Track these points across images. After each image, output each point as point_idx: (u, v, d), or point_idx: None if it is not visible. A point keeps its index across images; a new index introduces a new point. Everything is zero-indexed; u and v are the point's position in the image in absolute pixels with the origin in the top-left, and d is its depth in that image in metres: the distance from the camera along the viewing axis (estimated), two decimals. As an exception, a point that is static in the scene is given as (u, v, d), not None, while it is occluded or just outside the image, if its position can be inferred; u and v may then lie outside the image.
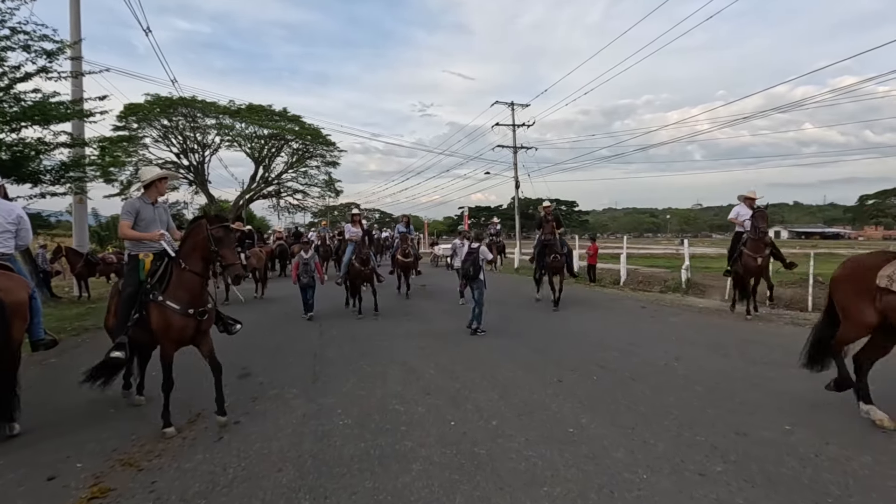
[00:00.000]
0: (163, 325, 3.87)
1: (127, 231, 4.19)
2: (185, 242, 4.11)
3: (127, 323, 3.94)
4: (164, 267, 4.08)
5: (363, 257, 9.14)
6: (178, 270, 3.98)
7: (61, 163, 8.62)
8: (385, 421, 4.01)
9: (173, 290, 3.93)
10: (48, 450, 3.59)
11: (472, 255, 7.48)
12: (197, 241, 3.99)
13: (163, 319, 3.87)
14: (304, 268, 8.90)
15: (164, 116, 31.17)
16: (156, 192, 4.42)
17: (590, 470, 3.09)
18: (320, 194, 38.16)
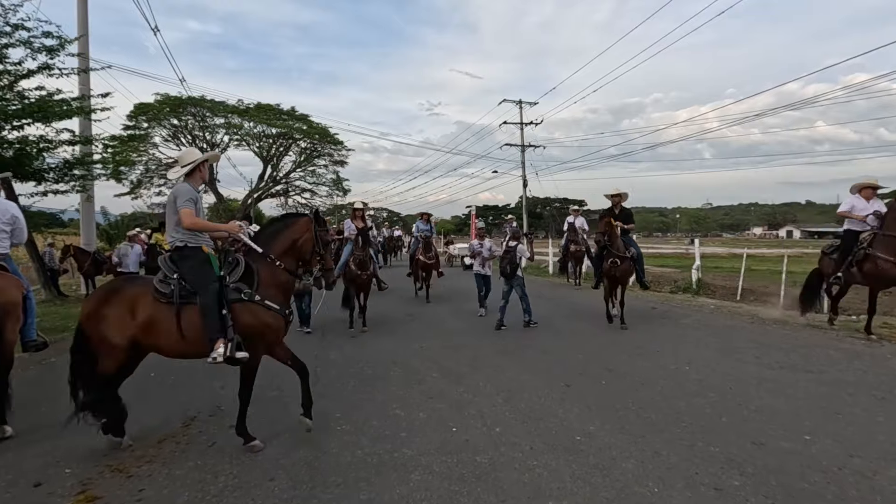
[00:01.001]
0: (261, 327, 3.53)
1: (196, 220, 3.58)
2: (277, 238, 3.77)
3: (227, 323, 3.39)
4: (237, 262, 3.61)
5: (360, 259, 7.56)
6: (270, 268, 3.65)
7: (64, 161, 8.60)
8: (384, 427, 3.87)
9: (267, 289, 3.58)
10: (38, 454, 3.50)
11: (510, 253, 7.71)
12: (298, 238, 3.77)
13: (261, 321, 3.51)
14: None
15: (173, 116, 31.38)
16: (199, 178, 3.84)
17: (598, 483, 2.93)
18: (328, 193, 38.17)
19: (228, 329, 3.37)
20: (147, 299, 3.47)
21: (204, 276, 3.48)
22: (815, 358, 5.56)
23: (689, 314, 8.78)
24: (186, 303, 3.44)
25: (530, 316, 7.69)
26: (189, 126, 32.46)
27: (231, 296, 3.48)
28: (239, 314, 3.46)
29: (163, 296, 3.47)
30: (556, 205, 60.95)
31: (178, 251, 3.61)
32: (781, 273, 11.27)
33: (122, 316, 3.43)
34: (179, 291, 3.45)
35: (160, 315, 3.44)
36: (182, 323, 3.42)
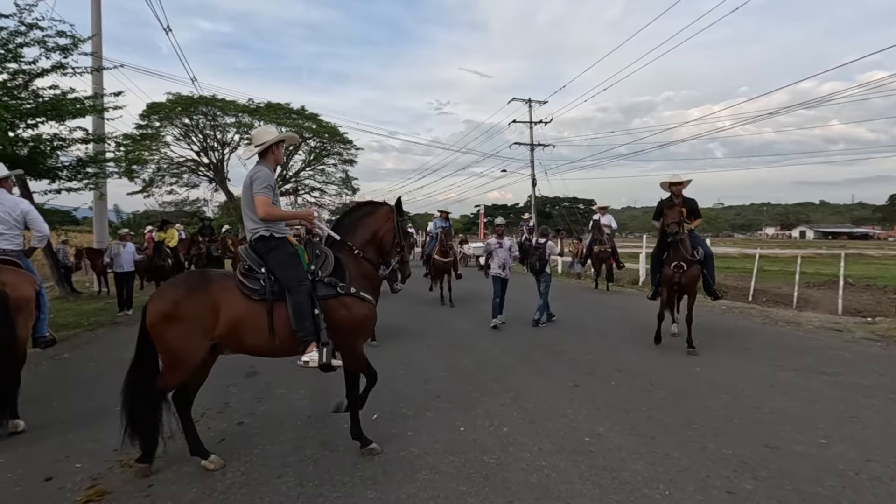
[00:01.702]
0: (360, 321, 3.32)
1: (272, 210, 3.27)
2: (358, 227, 3.52)
3: (319, 325, 3.13)
4: (325, 255, 3.34)
5: None
6: (355, 259, 3.43)
7: (78, 159, 8.71)
8: (391, 425, 3.86)
9: (358, 281, 3.36)
10: (49, 449, 3.52)
11: (539, 250, 7.93)
12: (379, 229, 3.53)
13: (360, 314, 3.30)
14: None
15: (185, 115, 31.64)
16: (273, 161, 3.48)
17: (606, 484, 2.89)
18: (337, 192, 38.31)
19: (322, 332, 3.11)
20: (234, 295, 3.10)
21: (295, 272, 3.17)
22: (829, 360, 5.47)
23: (700, 315, 8.65)
24: (278, 300, 3.13)
25: (548, 312, 7.91)
26: (200, 125, 32.74)
27: (324, 291, 3.20)
28: (335, 310, 3.21)
29: (252, 291, 3.13)
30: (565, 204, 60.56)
31: (262, 241, 3.27)
32: (794, 274, 11.13)
33: (203, 316, 3.00)
34: (271, 287, 3.13)
35: (251, 313, 3.10)
36: (274, 321, 3.10)
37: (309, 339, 3.09)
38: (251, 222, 3.31)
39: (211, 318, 3.01)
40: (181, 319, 2.96)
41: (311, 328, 3.10)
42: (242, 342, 3.15)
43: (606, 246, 11.98)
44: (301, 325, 3.08)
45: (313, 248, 3.35)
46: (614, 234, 12.61)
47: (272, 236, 3.28)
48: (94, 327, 8.33)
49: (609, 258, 12.08)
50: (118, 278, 9.40)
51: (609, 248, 11.97)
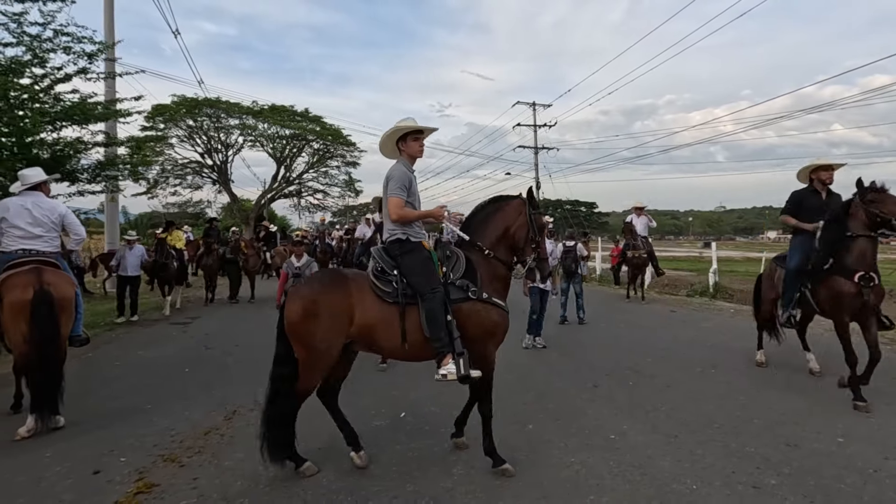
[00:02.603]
0: (492, 328, 3.13)
1: (404, 212, 3.15)
2: (487, 225, 3.29)
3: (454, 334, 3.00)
4: (457, 257, 3.19)
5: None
6: (486, 260, 3.21)
7: (98, 162, 8.86)
8: (420, 423, 3.98)
9: (491, 285, 3.15)
10: (90, 444, 3.63)
11: (571, 252, 8.42)
12: (511, 225, 3.25)
13: (492, 320, 3.12)
14: (291, 283, 5.95)
15: (189, 117, 31.76)
16: (408, 156, 3.33)
17: (637, 480, 3.00)
18: (340, 194, 38.45)
19: (456, 341, 2.95)
20: (368, 296, 3.08)
21: (428, 278, 3.04)
22: (838, 362, 5.56)
23: (710, 318, 8.80)
24: (410, 303, 3.05)
25: (584, 313, 8.45)
26: (204, 127, 32.88)
27: (456, 295, 3.05)
28: (466, 315, 3.05)
29: (385, 294, 3.08)
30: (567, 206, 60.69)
31: (396, 244, 3.18)
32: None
33: (340, 313, 3.01)
34: (403, 290, 3.05)
35: (383, 315, 3.05)
36: (406, 325, 3.03)
37: (444, 351, 2.94)
38: (388, 223, 3.25)
39: (347, 316, 3.01)
40: (319, 316, 2.97)
41: (447, 339, 2.95)
42: (374, 343, 3.12)
43: (642, 251, 10.84)
44: (436, 335, 2.95)
45: (444, 250, 3.23)
46: (651, 235, 11.50)
47: (408, 239, 3.17)
48: (112, 328, 8.45)
49: (645, 264, 11.04)
50: (122, 282, 8.98)
51: (645, 252, 10.85)
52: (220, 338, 7.32)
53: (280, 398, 3.10)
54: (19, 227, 3.92)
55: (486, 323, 3.10)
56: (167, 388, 4.98)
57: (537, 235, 3.26)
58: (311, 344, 3.00)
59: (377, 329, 3.05)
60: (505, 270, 3.28)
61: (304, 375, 3.08)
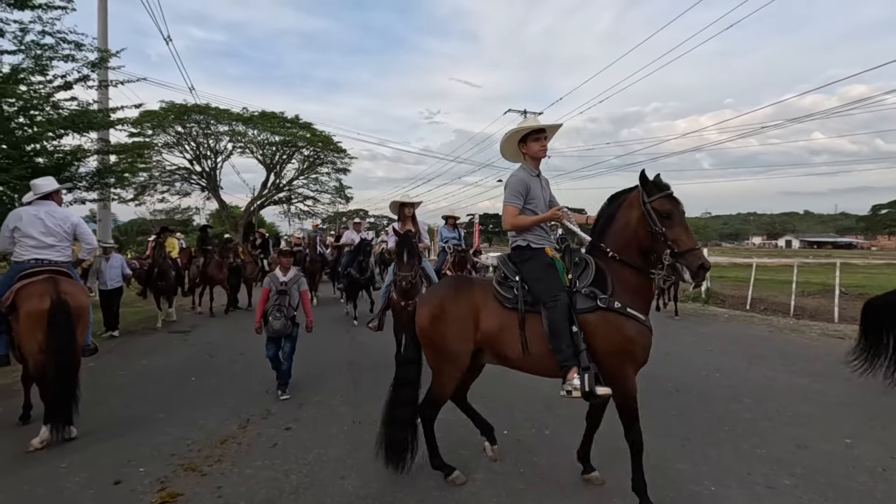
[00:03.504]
0: (626, 343, 2.72)
1: (515, 220, 3.04)
2: (610, 225, 2.92)
3: (579, 346, 2.71)
4: (585, 263, 2.90)
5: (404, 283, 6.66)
6: (613, 265, 2.85)
7: (97, 169, 8.77)
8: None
9: (624, 293, 2.78)
10: (106, 454, 3.61)
11: None
12: (630, 220, 2.82)
13: (626, 335, 2.71)
14: (276, 301, 4.93)
15: (178, 123, 31.51)
16: (530, 158, 3.15)
17: (657, 483, 3.07)
18: (331, 200, 38.41)
19: (582, 354, 2.70)
20: (491, 303, 3.00)
21: (549, 285, 2.85)
22: (837, 366, 5.73)
23: (707, 323, 8.97)
24: (531, 311, 2.88)
25: None
26: (193, 133, 32.66)
27: (583, 304, 2.77)
28: (594, 326, 2.74)
29: (505, 300, 2.97)
30: (556, 213, 61.08)
31: (517, 251, 3.09)
32: (785, 283, 11.51)
33: (466, 318, 2.99)
34: (523, 297, 2.91)
35: (505, 322, 2.94)
36: (527, 334, 2.87)
37: (568, 365, 2.71)
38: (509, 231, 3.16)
39: (473, 321, 2.99)
40: (446, 320, 3.00)
41: (570, 351, 2.71)
42: (499, 352, 3.01)
43: None
44: (558, 347, 2.74)
45: (572, 255, 2.96)
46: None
47: (528, 246, 3.05)
48: (110, 337, 8.34)
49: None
50: (102, 296, 8.23)
51: None
52: (224, 346, 7.28)
53: (401, 402, 3.17)
54: (32, 236, 3.90)
55: (617, 337, 2.72)
56: (176, 396, 4.95)
57: (658, 226, 2.67)
58: (440, 349, 3.04)
59: (499, 337, 2.95)
60: (639, 276, 2.82)
61: (437, 382, 3.12)
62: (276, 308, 4.87)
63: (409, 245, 4.98)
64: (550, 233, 3.24)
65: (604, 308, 2.73)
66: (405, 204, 5.76)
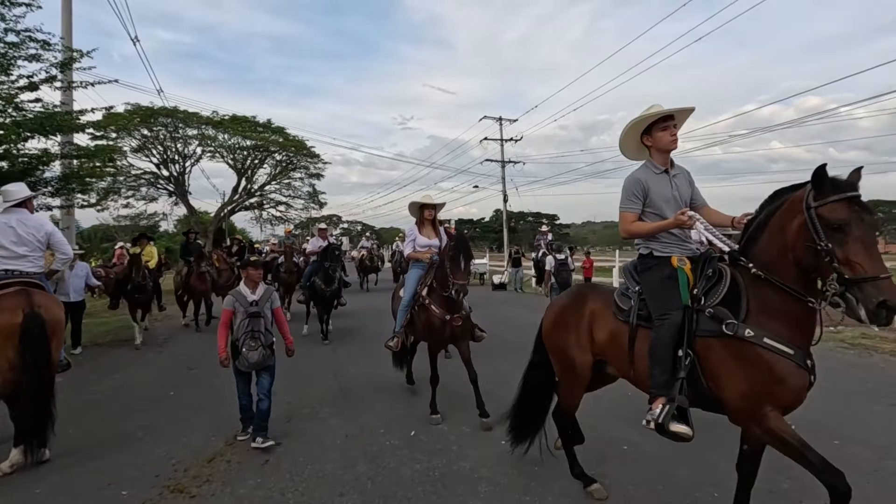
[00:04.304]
0: (760, 382, 2.20)
1: (632, 227, 2.72)
2: (761, 233, 2.33)
3: (676, 374, 2.37)
4: (720, 276, 2.42)
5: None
6: (756, 282, 2.30)
7: (63, 174, 8.34)
8: (433, 441, 3.94)
9: (766, 319, 2.24)
10: (84, 476, 3.41)
11: (565, 264, 8.55)
12: (787, 227, 2.18)
13: (759, 372, 2.19)
14: (249, 327, 3.82)
15: (144, 126, 30.50)
16: (657, 152, 2.75)
17: (660, 490, 3.09)
18: (304, 206, 37.82)
19: (676, 384, 2.34)
20: (607, 313, 2.84)
21: (662, 301, 2.50)
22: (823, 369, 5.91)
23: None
24: (644, 326, 2.61)
25: None
26: (160, 137, 31.69)
27: (705, 326, 2.32)
28: (716, 355, 2.29)
29: (620, 311, 2.76)
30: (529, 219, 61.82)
31: (640, 259, 2.82)
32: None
33: (581, 326, 2.93)
34: (638, 309, 2.65)
35: (613, 331, 2.78)
36: (635, 348, 2.63)
37: (657, 393, 2.41)
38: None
39: (587, 330, 2.90)
40: (565, 329, 3.01)
41: (663, 379, 2.39)
42: (614, 364, 2.87)
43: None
44: (652, 371, 2.45)
45: (706, 265, 2.48)
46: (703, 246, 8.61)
47: (650, 254, 2.73)
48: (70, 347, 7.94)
49: None
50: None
51: None
52: (202, 358, 7.00)
53: (530, 396, 3.39)
54: (4, 246, 3.67)
55: (747, 371, 2.21)
56: (156, 412, 4.73)
57: (823, 240, 2.00)
58: (561, 357, 3.05)
59: (610, 349, 2.81)
60: (792, 301, 2.21)
61: (563, 391, 3.16)
62: (250, 336, 3.80)
63: (465, 248, 4.36)
64: (688, 238, 2.76)
65: (730, 335, 2.23)
66: (426, 205, 5.01)
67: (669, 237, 2.70)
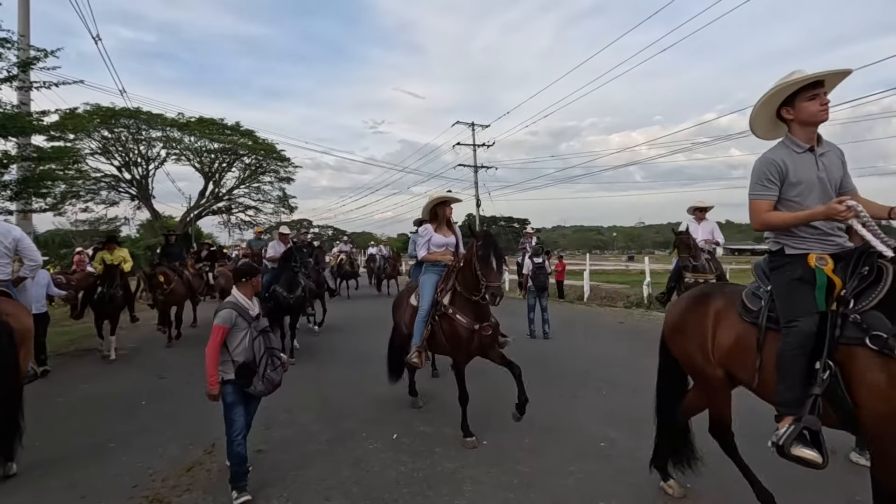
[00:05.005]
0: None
1: (766, 217, 2.33)
2: None
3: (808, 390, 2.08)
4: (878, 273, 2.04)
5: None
6: None
7: (23, 177, 7.96)
8: (416, 443, 3.96)
9: None
10: (56, 490, 3.30)
11: (542, 268, 8.58)
12: None
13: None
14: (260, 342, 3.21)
15: (104, 127, 29.42)
16: (799, 126, 2.34)
17: (637, 483, 3.19)
18: (274, 210, 37.21)
19: (807, 402, 2.06)
20: (731, 314, 2.54)
21: (792, 306, 2.20)
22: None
23: (654, 328, 9.36)
24: (774, 329, 2.31)
25: (549, 327, 8.57)
26: (122, 139, 30.66)
27: (850, 333, 2.01)
28: (860, 373, 1.98)
29: (747, 311, 2.46)
30: (501, 223, 62.33)
31: (771, 256, 2.45)
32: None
33: (700, 332, 2.64)
34: (769, 311, 2.36)
35: (741, 337, 2.46)
36: (763, 355, 2.32)
37: (784, 412, 2.17)
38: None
39: (708, 336, 2.60)
40: (684, 333, 2.74)
41: (791, 396, 2.13)
42: (738, 374, 2.55)
43: (709, 275, 6.83)
44: (780, 383, 2.18)
45: (861, 262, 2.12)
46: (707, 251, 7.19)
47: (781, 250, 2.36)
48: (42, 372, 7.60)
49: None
50: None
51: (714, 277, 6.87)
52: (174, 366, 6.83)
53: (664, 409, 3.09)
54: (-32, 252, 3.52)
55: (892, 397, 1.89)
56: (128, 423, 4.59)
57: None
58: (689, 366, 2.81)
59: (733, 354, 2.50)
60: None
61: (698, 398, 2.91)
62: (269, 357, 3.21)
63: (495, 245, 3.94)
64: (835, 231, 2.32)
65: (882, 352, 1.90)
66: (444, 202, 4.52)
67: (809, 231, 2.30)
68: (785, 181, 2.31)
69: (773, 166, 2.31)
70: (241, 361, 3.09)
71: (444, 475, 3.39)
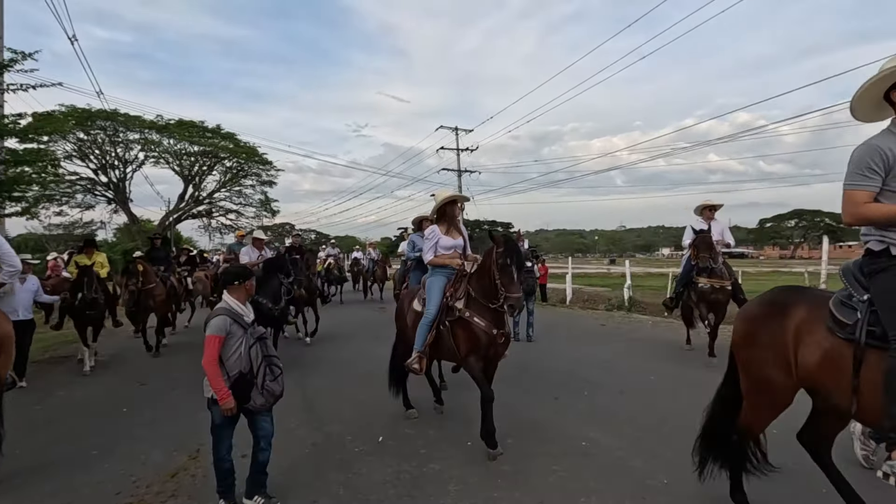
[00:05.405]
0: None
1: (862, 210, 2.09)
2: None
3: None
4: None
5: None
6: None
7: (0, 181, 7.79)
8: (402, 445, 4.01)
9: None
10: (39, 498, 3.27)
11: (530, 272, 8.50)
12: None
13: None
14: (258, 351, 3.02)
15: (79, 129, 28.76)
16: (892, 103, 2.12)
17: (617, 480, 3.30)
18: (256, 214, 36.80)
19: None
20: (819, 327, 2.22)
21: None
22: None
23: (635, 330, 9.62)
24: (876, 346, 2.02)
25: (534, 331, 8.69)
26: (99, 141, 30.02)
27: None
28: None
29: (839, 325, 2.14)
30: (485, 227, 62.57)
31: (869, 257, 2.17)
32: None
33: (779, 344, 2.34)
34: (867, 324, 2.05)
35: (833, 355, 2.15)
36: (862, 375, 2.05)
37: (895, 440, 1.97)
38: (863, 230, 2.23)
39: (790, 349, 2.30)
40: (758, 344, 2.44)
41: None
42: (825, 397, 2.30)
43: (725, 280, 6.51)
44: (890, 409, 1.90)
45: None
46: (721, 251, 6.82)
47: (886, 251, 2.09)
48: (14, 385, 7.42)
49: (727, 301, 6.64)
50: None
51: (729, 284, 6.56)
52: (154, 372, 6.75)
53: (714, 419, 2.89)
54: (-55, 258, 3.46)
55: None
56: (109, 430, 4.54)
57: None
58: (751, 374, 2.52)
59: (821, 374, 2.20)
60: None
61: (748, 410, 2.62)
62: (267, 366, 3.02)
63: (518, 253, 3.71)
64: None
65: None
66: (451, 202, 4.37)
67: None
68: (891, 171, 2.06)
69: (876, 153, 2.05)
70: (237, 373, 2.89)
71: (430, 476, 3.45)
